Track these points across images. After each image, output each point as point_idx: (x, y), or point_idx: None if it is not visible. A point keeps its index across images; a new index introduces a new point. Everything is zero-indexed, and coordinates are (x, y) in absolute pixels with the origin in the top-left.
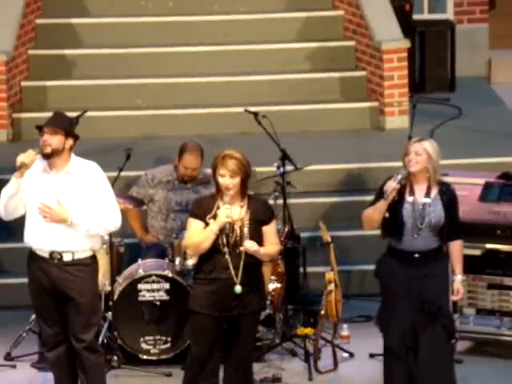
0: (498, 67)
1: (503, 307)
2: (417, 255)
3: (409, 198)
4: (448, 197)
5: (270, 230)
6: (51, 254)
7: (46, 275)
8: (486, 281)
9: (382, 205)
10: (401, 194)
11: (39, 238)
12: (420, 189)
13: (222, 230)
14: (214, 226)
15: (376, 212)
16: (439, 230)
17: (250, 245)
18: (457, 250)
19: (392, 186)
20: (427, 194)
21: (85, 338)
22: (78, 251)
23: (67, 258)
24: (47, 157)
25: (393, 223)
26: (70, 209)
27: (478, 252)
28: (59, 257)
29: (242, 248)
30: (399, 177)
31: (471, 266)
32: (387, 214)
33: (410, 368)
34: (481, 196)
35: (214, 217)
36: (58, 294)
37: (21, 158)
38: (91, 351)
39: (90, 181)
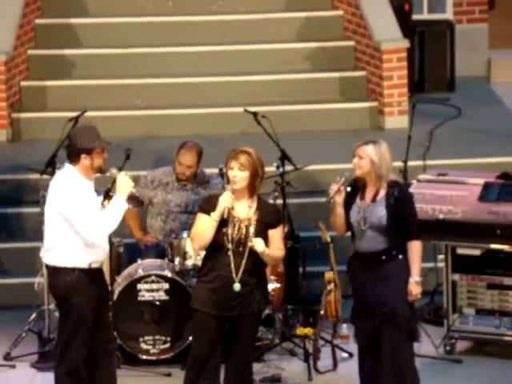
0: (498, 67)
1: (503, 307)
2: (367, 256)
3: (358, 201)
4: (396, 197)
5: (275, 234)
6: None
7: (102, 284)
8: (486, 281)
9: (336, 208)
10: (354, 196)
11: (98, 250)
12: (370, 191)
13: (226, 222)
14: (215, 213)
15: (334, 216)
16: (385, 232)
17: (258, 242)
18: (412, 250)
19: (334, 189)
20: (374, 197)
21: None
22: None
23: None
24: None
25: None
26: None
27: (477, 252)
28: None
29: (249, 244)
30: (342, 179)
31: (471, 266)
32: None
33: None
34: (480, 196)
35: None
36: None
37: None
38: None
39: None
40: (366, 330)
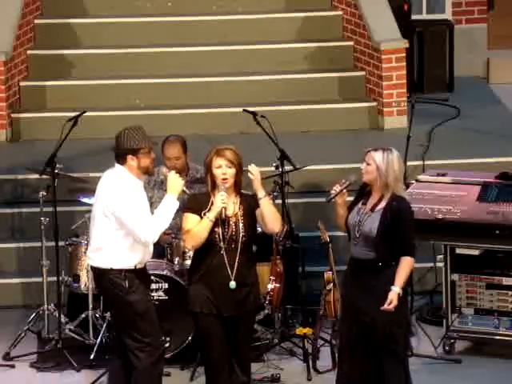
0: (497, 67)
1: (501, 307)
2: (358, 262)
3: (359, 205)
4: (393, 212)
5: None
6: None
7: (149, 282)
8: (485, 281)
9: (337, 209)
10: (359, 199)
11: (145, 251)
12: (373, 199)
13: (217, 222)
14: (211, 214)
15: (336, 216)
16: (373, 244)
17: (253, 168)
18: (403, 263)
19: (336, 190)
20: (374, 206)
21: None
22: None
23: None
24: None
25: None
26: None
27: (476, 252)
28: None
29: (249, 169)
30: (347, 182)
31: (470, 265)
32: None
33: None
34: (479, 196)
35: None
36: None
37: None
38: None
39: None
40: (347, 336)
